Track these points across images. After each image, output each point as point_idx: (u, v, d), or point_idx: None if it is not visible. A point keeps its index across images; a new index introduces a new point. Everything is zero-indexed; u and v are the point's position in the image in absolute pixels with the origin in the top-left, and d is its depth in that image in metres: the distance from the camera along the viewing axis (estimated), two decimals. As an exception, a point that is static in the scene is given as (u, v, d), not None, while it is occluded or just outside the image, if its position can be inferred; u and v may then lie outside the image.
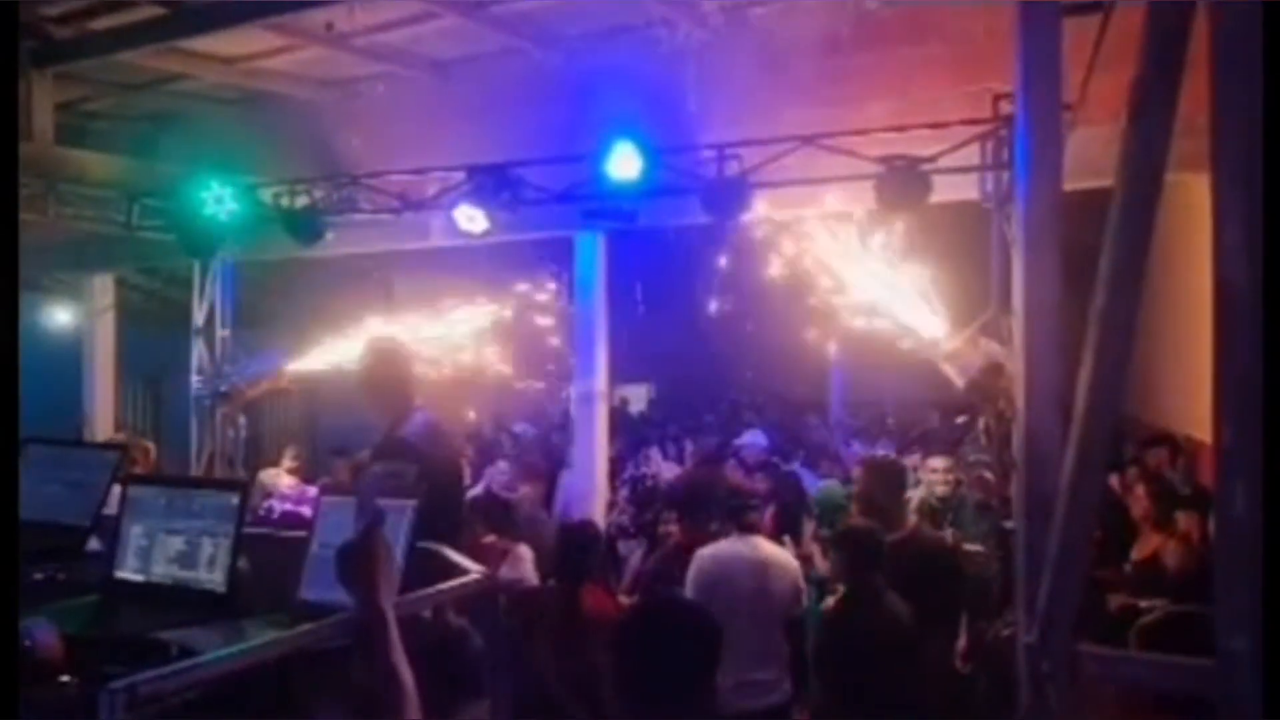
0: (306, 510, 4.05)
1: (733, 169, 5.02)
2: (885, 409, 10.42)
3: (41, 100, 5.51)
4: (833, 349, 5.24)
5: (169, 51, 5.34)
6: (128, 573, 2.12)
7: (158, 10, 4.84)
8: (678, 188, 5.12)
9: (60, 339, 7.76)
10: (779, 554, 4.33)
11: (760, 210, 5.16)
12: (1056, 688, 1.09)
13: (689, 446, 8.44)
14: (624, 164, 5.03)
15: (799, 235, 5.16)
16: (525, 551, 4.59)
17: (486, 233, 5.48)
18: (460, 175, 5.49)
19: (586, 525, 4.80)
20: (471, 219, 5.46)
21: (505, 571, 4.46)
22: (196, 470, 5.96)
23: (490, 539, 4.51)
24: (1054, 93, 2.01)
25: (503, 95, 5.95)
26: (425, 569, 2.04)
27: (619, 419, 9.42)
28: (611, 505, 6.34)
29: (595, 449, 6.18)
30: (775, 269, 5.45)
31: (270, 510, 4.75)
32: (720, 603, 3.75)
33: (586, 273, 6.16)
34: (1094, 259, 1.12)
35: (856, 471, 5.17)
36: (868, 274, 4.97)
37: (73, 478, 2.64)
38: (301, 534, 2.17)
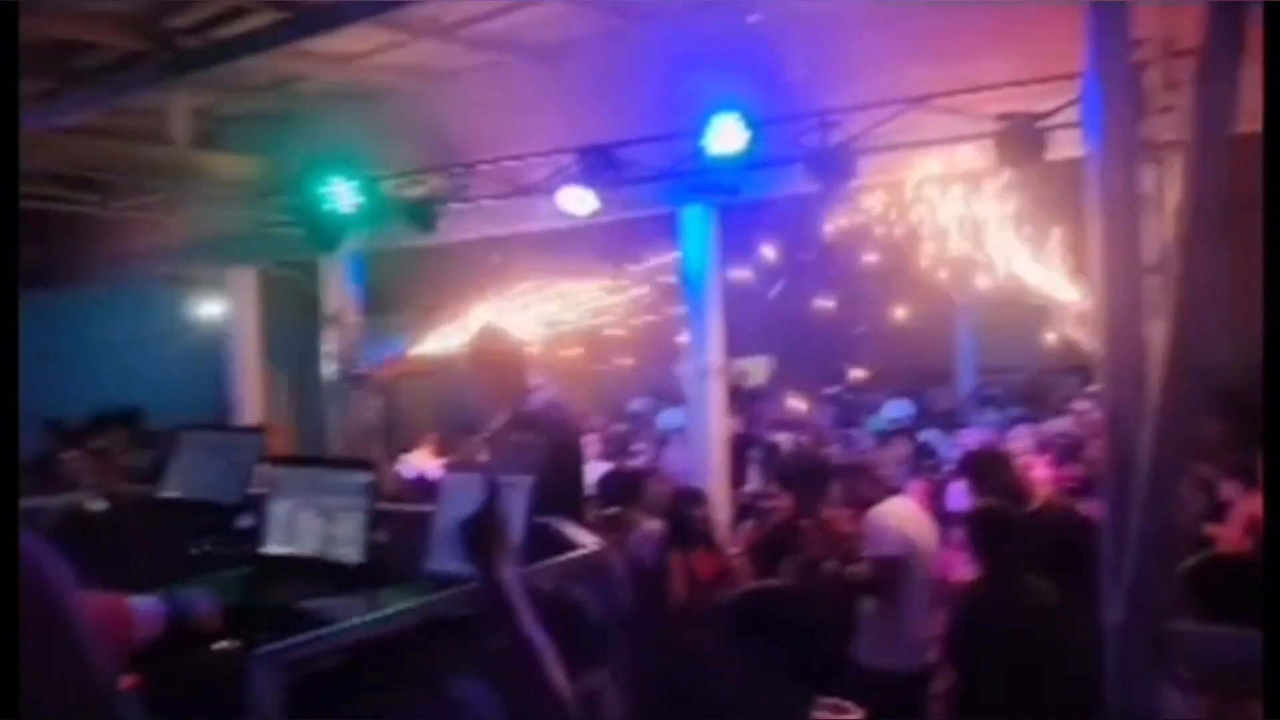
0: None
1: (837, 135, 4.91)
2: (1018, 376, 10.02)
3: (178, 108, 5.89)
4: (961, 315, 5.09)
5: (289, 54, 5.60)
6: (274, 547, 2.27)
7: (278, 15, 5.07)
8: (782, 157, 5.05)
9: (208, 331, 8.31)
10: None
11: (868, 175, 5.03)
12: (1148, 669, 1.03)
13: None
14: (726, 137, 4.99)
15: (919, 198, 5.02)
16: (651, 525, 4.67)
17: (595, 213, 5.54)
18: (567, 158, 5.57)
19: (695, 492, 4.86)
20: (580, 200, 5.53)
21: (632, 545, 4.56)
22: (335, 451, 6.29)
23: (614, 510, 4.62)
24: (1124, 43, 1.87)
25: (605, 75, 5.98)
26: (544, 542, 2.12)
27: (737, 393, 9.40)
28: (736, 480, 6.35)
29: (710, 423, 6.20)
30: (896, 234, 5.32)
31: (399, 474, 5.00)
32: (919, 556, 3.89)
33: (695, 247, 6.16)
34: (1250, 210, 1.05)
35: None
36: (992, 235, 4.79)
37: (223, 459, 2.83)
38: (430, 509, 2.28)
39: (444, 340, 6.25)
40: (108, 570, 2.08)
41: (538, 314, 6.27)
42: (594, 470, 5.57)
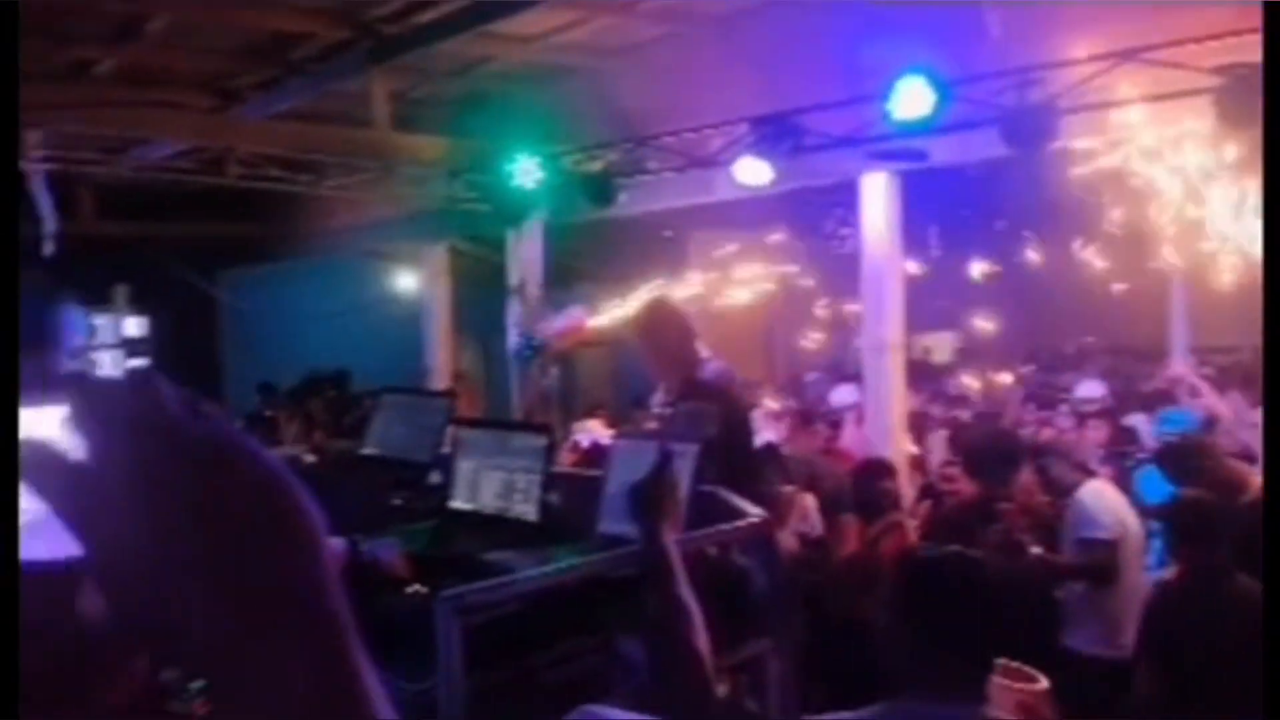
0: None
1: (1036, 95, 4.61)
2: (1241, 356, 9.11)
3: (379, 92, 6.31)
4: (1176, 289, 4.68)
5: (478, 37, 5.87)
6: (459, 502, 2.45)
7: (469, 0, 5.33)
8: (974, 120, 4.81)
9: (405, 302, 8.90)
10: None
11: (1069, 137, 4.71)
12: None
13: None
14: (913, 100, 4.80)
15: (1129, 159, 4.66)
16: (811, 501, 4.64)
17: (771, 183, 5.50)
18: (744, 127, 5.55)
19: (883, 463, 4.78)
20: (755, 170, 5.50)
21: (795, 521, 4.55)
22: (516, 417, 6.61)
23: (788, 489, 4.63)
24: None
25: (784, 42, 5.89)
26: (708, 509, 2.16)
27: (920, 370, 9.09)
28: (917, 460, 6.18)
29: (888, 400, 6.04)
30: (1101, 202, 4.96)
31: (577, 443, 5.21)
32: (1130, 541, 3.74)
33: (875, 216, 5.98)
34: None
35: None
36: (1212, 201, 4.38)
37: (417, 421, 3.06)
38: (601, 473, 2.38)
39: (619, 311, 6.42)
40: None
41: (707, 285, 6.33)
42: (766, 444, 5.58)
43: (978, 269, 9.37)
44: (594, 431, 6.48)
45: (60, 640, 0.50)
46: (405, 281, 9.03)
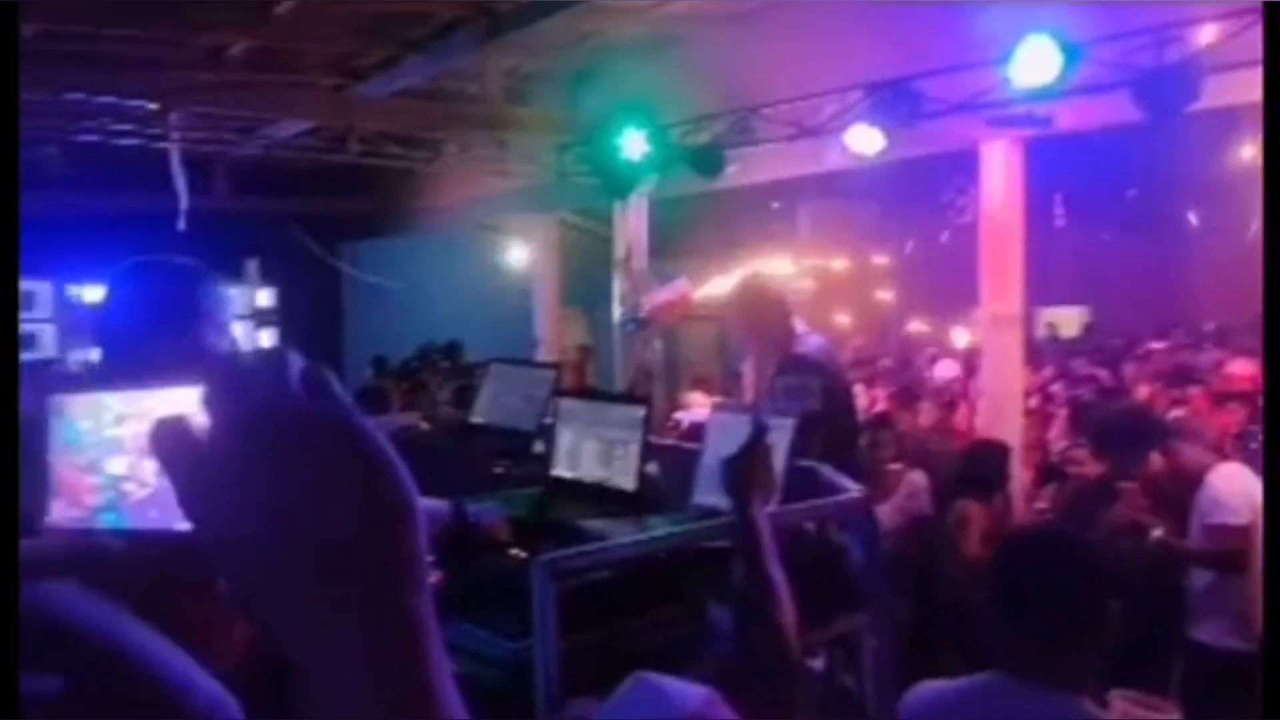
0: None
1: (1175, 53, 4.33)
2: None
3: (492, 68, 6.45)
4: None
5: (588, 11, 5.91)
6: (560, 471, 2.52)
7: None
8: (1103, 83, 4.56)
9: (515, 275, 9.12)
10: None
11: (1213, 98, 4.41)
12: None
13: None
14: (1035, 63, 4.59)
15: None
16: (920, 478, 4.56)
17: (883, 152, 5.36)
18: (856, 95, 5.42)
19: (996, 444, 4.66)
20: (867, 139, 5.37)
21: (903, 498, 4.49)
22: (622, 387, 6.70)
23: (896, 466, 4.58)
24: None
25: (899, 5, 5.71)
26: (806, 484, 2.16)
27: (1044, 345, 8.74)
28: (1037, 440, 5.98)
29: (1005, 377, 5.84)
30: (1246, 160, 4.64)
31: (679, 422, 5.24)
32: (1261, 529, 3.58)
33: (996, 185, 5.77)
34: None
35: None
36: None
37: (523, 391, 3.16)
38: (697, 446, 2.41)
39: (724, 284, 6.40)
40: (425, 482, 2.43)
41: (813, 257, 6.24)
42: (878, 416, 5.50)
43: (1107, 240, 8.93)
44: (696, 404, 6.52)
45: (167, 604, 0.55)
46: (516, 254, 9.24)
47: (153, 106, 5.51)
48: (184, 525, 0.45)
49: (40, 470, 0.52)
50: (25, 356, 8.29)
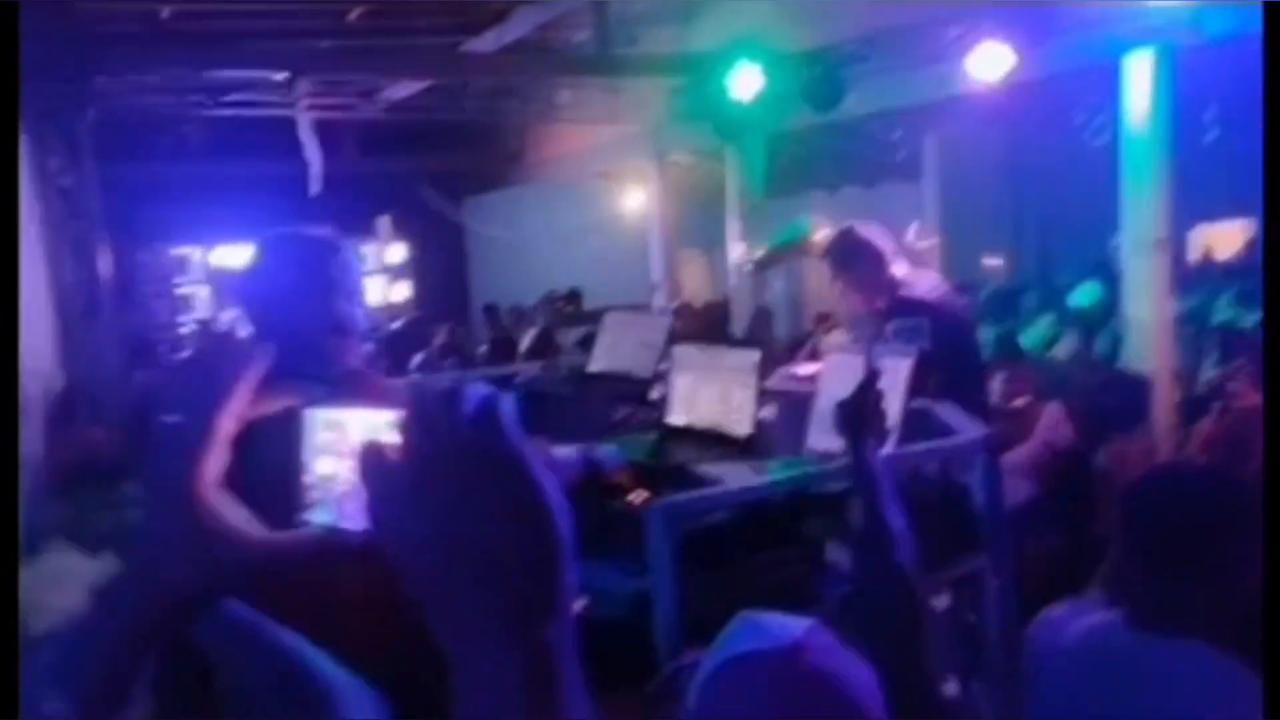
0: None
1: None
2: None
3: (601, 14, 6.43)
4: None
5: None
6: (676, 417, 2.58)
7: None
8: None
9: (631, 220, 9.17)
10: None
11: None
12: None
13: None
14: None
15: None
16: (1058, 409, 4.40)
17: (1012, 72, 5.09)
18: (982, 13, 5.15)
19: (1129, 377, 4.46)
20: (995, 60, 5.11)
21: (1043, 430, 4.34)
22: (739, 331, 6.70)
23: (1023, 400, 4.43)
24: None
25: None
26: (926, 425, 2.15)
27: (1195, 268, 8.19)
28: (1186, 374, 5.66)
29: (1150, 304, 5.52)
30: None
31: (795, 375, 5.22)
32: None
33: (1137, 102, 5.39)
34: None
35: None
36: None
37: (640, 338, 3.23)
38: (812, 389, 2.42)
39: (841, 223, 6.26)
40: (550, 429, 2.53)
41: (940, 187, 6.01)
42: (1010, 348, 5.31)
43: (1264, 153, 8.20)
44: (835, 346, 6.43)
45: (343, 594, 0.63)
46: (631, 200, 9.28)
47: (281, 77, 5.78)
48: (364, 525, 0.54)
49: (297, 470, 0.60)
50: (183, 318, 9.01)
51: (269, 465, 0.57)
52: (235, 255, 8.28)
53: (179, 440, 0.56)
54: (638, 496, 1.95)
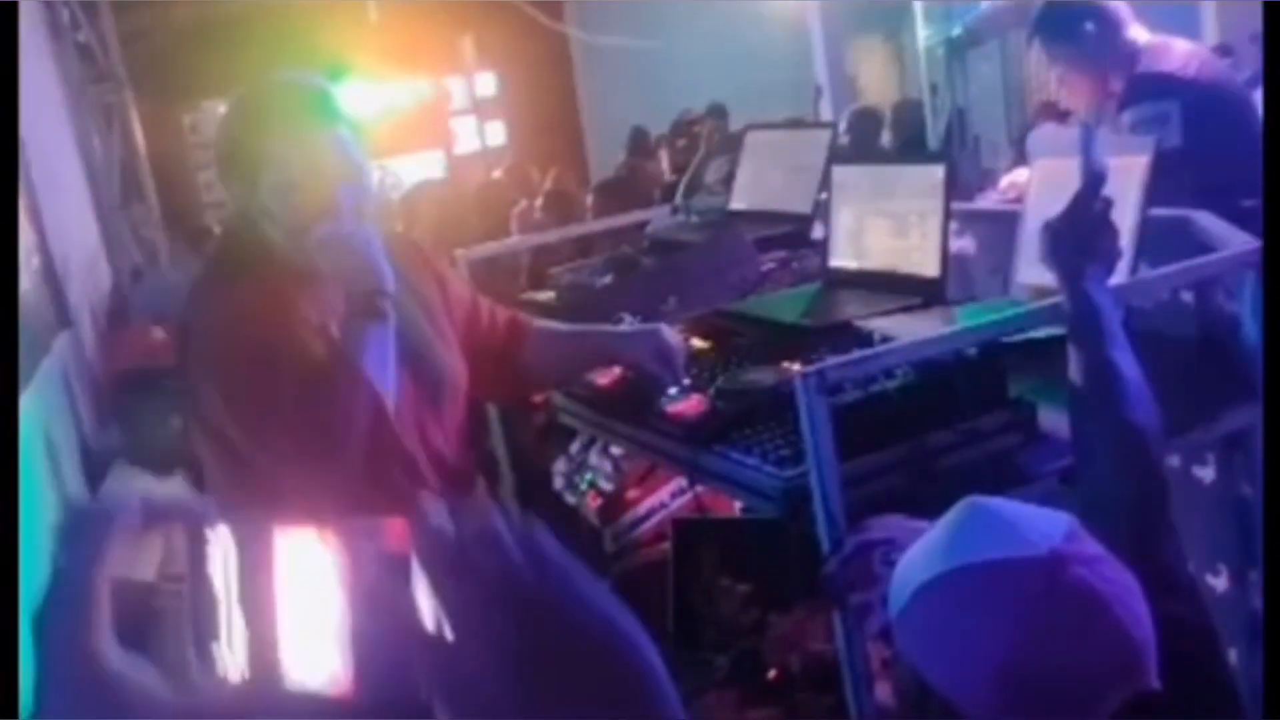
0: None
1: None
2: None
3: None
4: None
5: None
6: (841, 260, 2.56)
7: None
8: None
9: (785, 9, 8.86)
10: None
11: None
12: None
13: None
14: None
15: None
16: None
17: None
18: None
19: None
20: None
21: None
22: (934, 136, 6.43)
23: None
24: None
25: None
26: (1171, 241, 2.06)
27: None
28: None
29: None
30: None
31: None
32: None
33: None
34: None
35: None
36: None
37: (791, 162, 3.18)
38: (1017, 208, 2.34)
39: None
40: (682, 289, 2.57)
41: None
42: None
43: None
44: (1045, 146, 6.14)
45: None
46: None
47: None
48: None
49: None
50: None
51: None
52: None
53: (63, 608, 0.58)
54: (785, 366, 1.97)
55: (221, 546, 0.60)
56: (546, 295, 2.99)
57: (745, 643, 2.26)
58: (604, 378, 2.21)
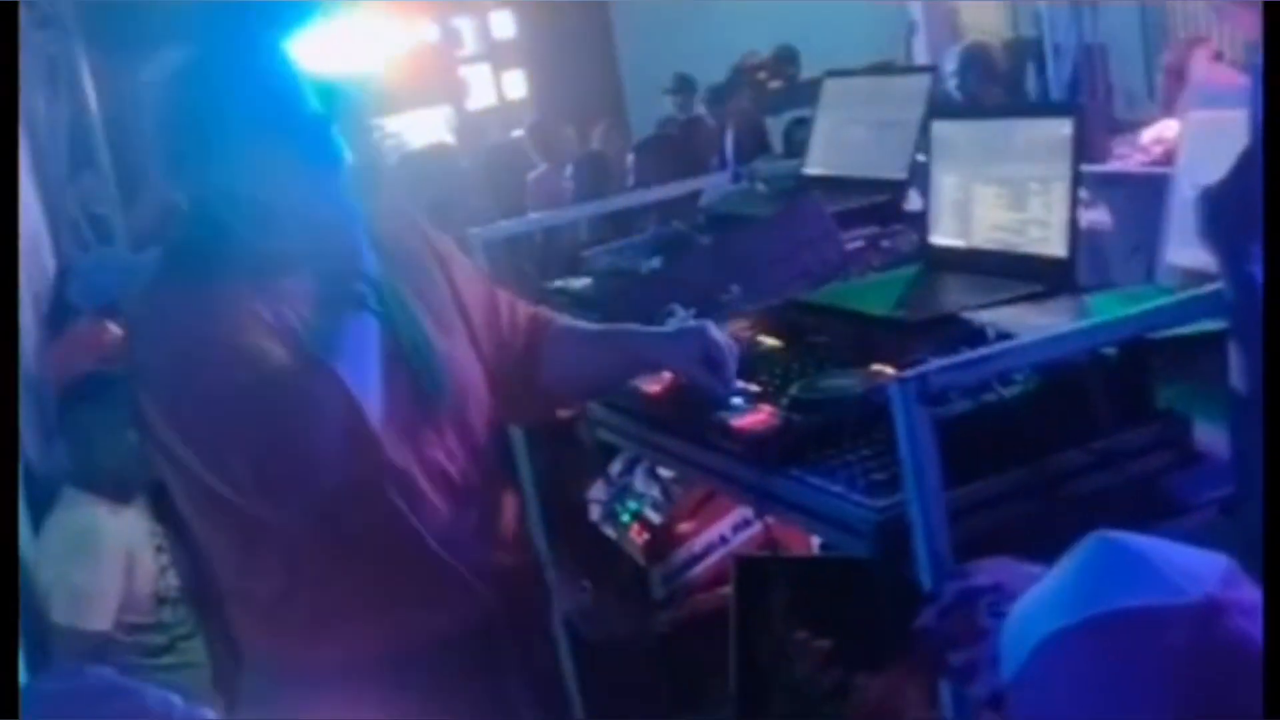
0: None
1: None
2: None
3: None
4: None
5: None
6: (944, 237, 2.54)
7: None
8: None
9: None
10: None
11: None
12: None
13: None
14: None
15: None
16: None
17: None
18: None
19: None
20: None
21: None
22: (1057, 83, 6.37)
23: None
24: None
25: None
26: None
27: None
28: None
29: None
30: None
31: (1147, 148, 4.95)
32: None
33: None
34: None
35: None
36: None
37: (879, 117, 3.17)
38: (1167, 170, 2.31)
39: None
40: (741, 276, 2.56)
41: None
42: None
43: None
44: (1202, 93, 6.06)
45: None
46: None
47: None
48: None
49: None
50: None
51: None
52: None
53: None
54: (874, 369, 1.96)
55: None
56: (582, 283, 2.99)
57: (826, 709, 2.24)
58: (652, 384, 2.20)
